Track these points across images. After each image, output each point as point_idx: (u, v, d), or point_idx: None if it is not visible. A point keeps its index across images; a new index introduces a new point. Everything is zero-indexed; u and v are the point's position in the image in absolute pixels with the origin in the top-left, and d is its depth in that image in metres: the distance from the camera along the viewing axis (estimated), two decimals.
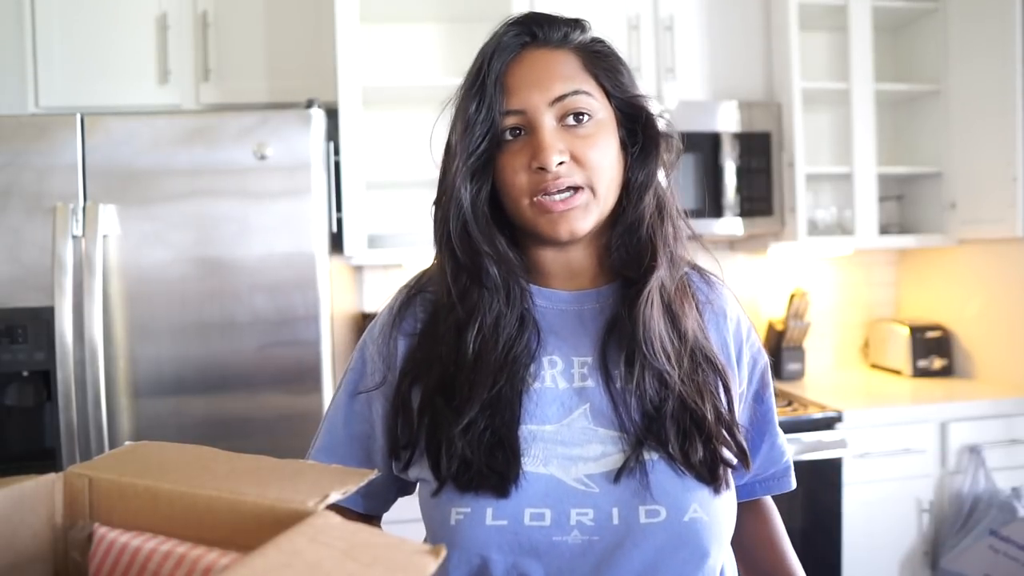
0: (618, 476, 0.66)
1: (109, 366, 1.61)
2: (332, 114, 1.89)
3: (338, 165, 1.89)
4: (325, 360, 1.68)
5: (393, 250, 2.07)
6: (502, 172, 0.70)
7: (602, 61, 0.72)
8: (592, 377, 0.72)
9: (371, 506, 0.79)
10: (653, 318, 0.70)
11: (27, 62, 2.00)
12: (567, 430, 0.69)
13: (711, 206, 2.14)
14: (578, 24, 0.73)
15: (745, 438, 0.75)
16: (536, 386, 0.71)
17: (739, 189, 2.16)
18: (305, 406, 1.67)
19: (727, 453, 0.70)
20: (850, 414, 1.94)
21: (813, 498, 1.91)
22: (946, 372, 2.35)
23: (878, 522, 1.97)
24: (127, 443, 0.56)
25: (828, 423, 1.93)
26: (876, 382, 2.36)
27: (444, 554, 0.37)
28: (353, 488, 0.46)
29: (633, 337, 0.69)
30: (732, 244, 2.50)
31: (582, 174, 0.68)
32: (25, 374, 1.61)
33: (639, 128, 0.73)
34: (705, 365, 0.72)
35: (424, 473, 0.70)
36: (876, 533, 1.97)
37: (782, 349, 2.34)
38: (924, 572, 2.01)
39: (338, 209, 1.89)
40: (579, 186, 0.68)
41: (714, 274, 0.81)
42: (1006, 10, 2.07)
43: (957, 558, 1.93)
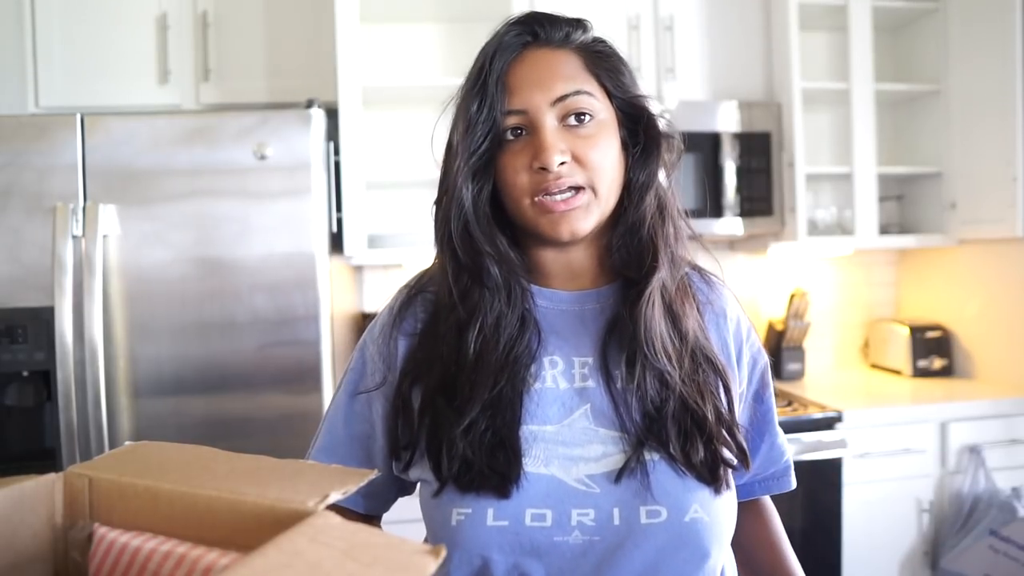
0: (619, 476, 0.66)
1: (109, 366, 1.61)
2: (332, 114, 1.89)
3: (338, 165, 1.89)
4: (325, 360, 1.68)
5: (393, 250, 2.07)
6: (503, 172, 0.70)
7: (604, 61, 0.72)
8: (593, 377, 0.72)
9: (371, 506, 0.79)
10: (654, 318, 0.70)
11: (27, 62, 2.00)
12: (568, 430, 0.69)
13: (711, 206, 2.14)
14: (580, 24, 0.73)
15: (745, 438, 0.75)
16: (537, 386, 0.71)
17: (739, 189, 2.16)
18: (305, 406, 1.67)
19: (727, 453, 0.70)
20: (850, 414, 1.94)
21: (813, 498, 1.91)
22: (946, 372, 2.35)
23: (878, 522, 1.97)
24: (127, 443, 0.56)
25: (828, 423, 1.93)
26: (876, 382, 2.36)
27: (444, 554, 0.37)
28: (353, 488, 0.46)
29: (634, 337, 0.69)
30: (732, 244, 2.50)
31: (583, 174, 0.68)
32: (25, 374, 1.61)
33: (640, 128, 0.73)
34: (706, 365, 0.72)
35: (425, 474, 0.70)
36: (876, 533, 1.97)
37: (782, 349, 2.34)
38: (924, 572, 2.01)
39: (338, 209, 1.89)
40: (580, 186, 0.68)
41: (714, 274, 0.81)
42: (1006, 10, 2.07)
43: (957, 558, 1.93)
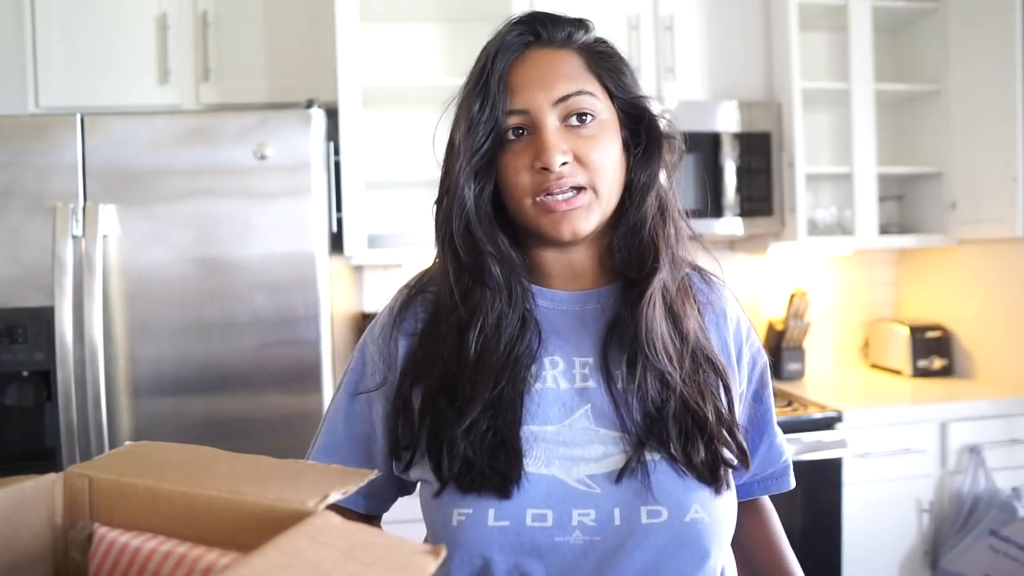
0: (620, 476, 0.66)
1: (109, 366, 1.61)
2: (332, 114, 1.89)
3: (338, 165, 1.89)
4: (325, 360, 1.68)
5: (393, 250, 2.07)
6: (505, 172, 0.70)
7: (605, 62, 0.72)
8: (593, 378, 0.72)
9: (371, 506, 0.79)
10: (656, 319, 0.70)
11: (27, 62, 2.00)
12: (568, 431, 0.69)
13: (711, 206, 2.14)
14: (582, 24, 0.73)
15: (744, 438, 0.75)
16: (537, 387, 0.71)
17: (739, 189, 2.16)
18: (305, 406, 1.67)
19: (728, 454, 0.70)
20: (850, 414, 1.94)
21: (813, 498, 1.91)
22: (946, 372, 2.35)
23: (878, 522, 1.97)
24: (127, 443, 0.56)
25: (828, 423, 1.93)
26: (876, 382, 2.36)
27: (444, 554, 0.37)
28: (353, 488, 0.46)
29: (635, 338, 0.69)
30: (732, 244, 2.50)
31: (585, 175, 0.68)
32: (25, 374, 1.61)
33: (642, 129, 0.73)
34: (706, 366, 0.72)
35: (425, 474, 0.70)
36: (876, 533, 1.97)
37: (782, 349, 2.34)
38: (924, 572, 2.01)
39: (338, 209, 1.89)
40: (582, 186, 0.68)
41: (714, 274, 0.81)
42: (1006, 10, 2.07)
43: (957, 558, 1.93)
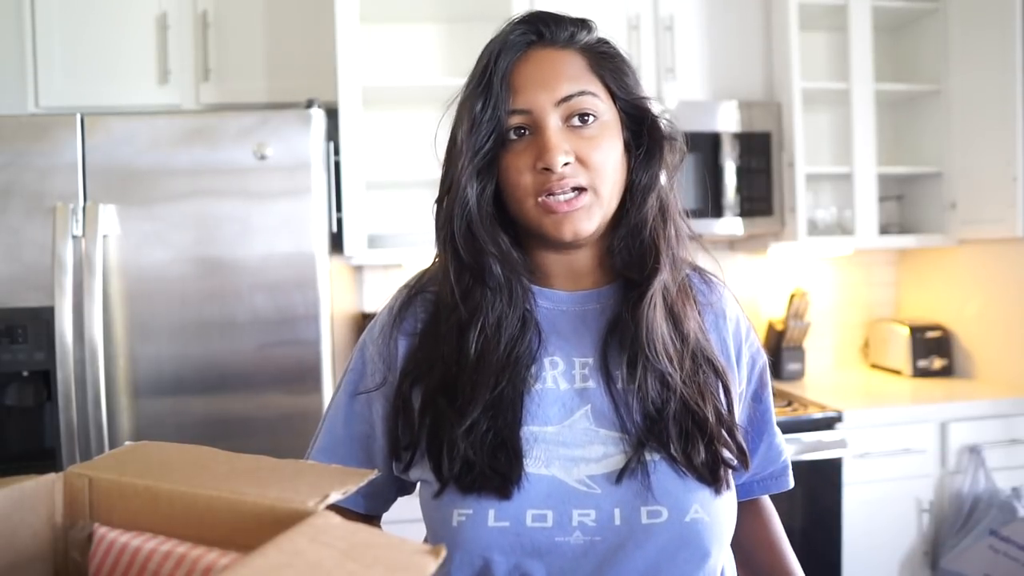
0: (620, 477, 0.66)
1: (109, 366, 1.61)
2: (332, 114, 1.89)
3: (338, 165, 1.89)
4: (325, 360, 1.68)
5: (393, 250, 2.07)
6: (506, 172, 0.70)
7: (608, 62, 0.72)
8: (593, 378, 0.72)
9: (371, 506, 0.79)
10: (656, 320, 0.70)
11: (27, 62, 2.00)
12: (568, 431, 0.69)
13: (711, 206, 2.14)
14: (584, 24, 0.73)
15: (744, 438, 0.75)
16: (537, 387, 0.71)
17: (739, 189, 2.16)
18: (305, 406, 1.67)
19: (727, 454, 0.70)
20: (850, 414, 1.94)
21: (813, 498, 1.91)
22: (946, 372, 2.35)
23: (878, 522, 1.97)
24: (127, 443, 0.56)
25: (828, 423, 1.93)
26: (876, 382, 2.35)
27: (444, 554, 0.37)
28: (353, 488, 0.46)
29: (636, 339, 0.69)
30: (732, 244, 2.50)
31: (586, 175, 0.68)
32: (25, 374, 1.61)
33: (644, 130, 0.73)
34: (706, 367, 0.72)
35: (425, 474, 0.70)
36: (876, 533, 1.97)
37: (782, 349, 2.34)
38: (924, 572, 2.01)
39: (338, 209, 1.89)
40: (583, 187, 0.68)
41: (714, 275, 0.81)
42: (1007, 10, 2.07)
43: (957, 558, 1.93)
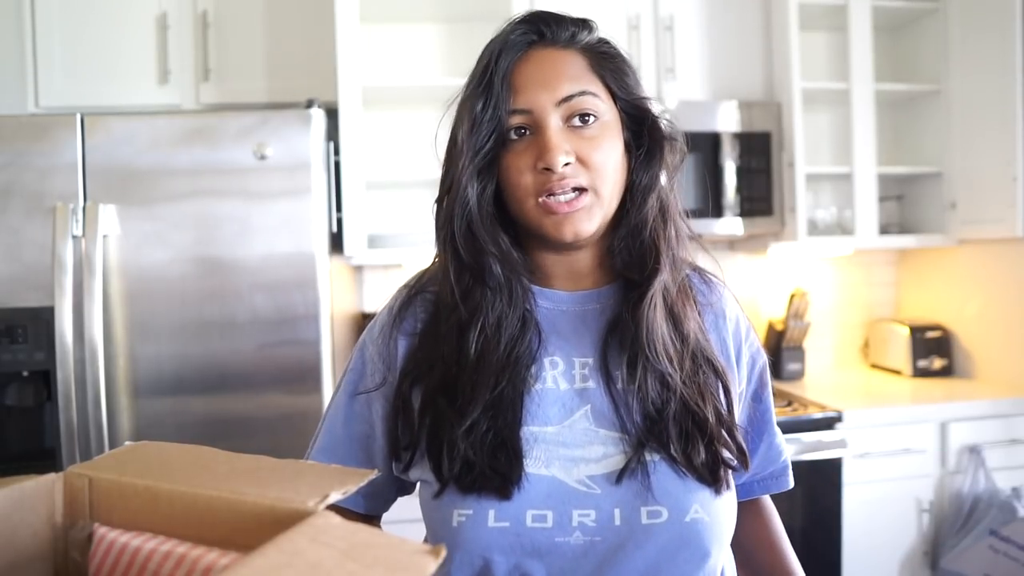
0: (620, 477, 0.66)
1: (109, 366, 1.61)
2: (332, 114, 1.89)
3: (338, 165, 1.89)
4: (325, 360, 1.68)
5: (393, 250, 2.07)
6: (507, 172, 0.69)
7: (609, 62, 0.72)
8: (593, 378, 0.71)
9: (371, 506, 0.79)
10: (656, 320, 0.70)
11: (27, 62, 2.00)
12: (568, 431, 0.69)
13: (711, 206, 2.14)
14: (585, 24, 0.73)
15: (744, 438, 0.75)
16: (537, 387, 0.71)
17: (739, 189, 2.16)
18: (305, 406, 1.67)
19: (727, 454, 0.70)
20: (850, 414, 1.94)
21: (813, 498, 1.91)
22: (946, 372, 2.35)
23: (878, 522, 1.97)
24: (127, 443, 0.56)
25: (828, 423, 1.93)
26: (876, 382, 2.35)
27: (444, 554, 0.37)
28: (353, 488, 0.46)
29: (636, 339, 0.69)
30: (732, 244, 2.50)
31: (587, 176, 0.68)
32: (25, 374, 1.61)
33: (644, 130, 0.73)
34: (706, 367, 0.72)
35: (425, 474, 0.70)
36: (876, 533, 1.97)
37: (782, 349, 2.34)
38: (924, 572, 2.01)
39: (338, 209, 1.89)
40: (583, 188, 0.68)
41: (714, 275, 0.81)
42: (1006, 10, 2.07)
43: (957, 558, 1.93)
